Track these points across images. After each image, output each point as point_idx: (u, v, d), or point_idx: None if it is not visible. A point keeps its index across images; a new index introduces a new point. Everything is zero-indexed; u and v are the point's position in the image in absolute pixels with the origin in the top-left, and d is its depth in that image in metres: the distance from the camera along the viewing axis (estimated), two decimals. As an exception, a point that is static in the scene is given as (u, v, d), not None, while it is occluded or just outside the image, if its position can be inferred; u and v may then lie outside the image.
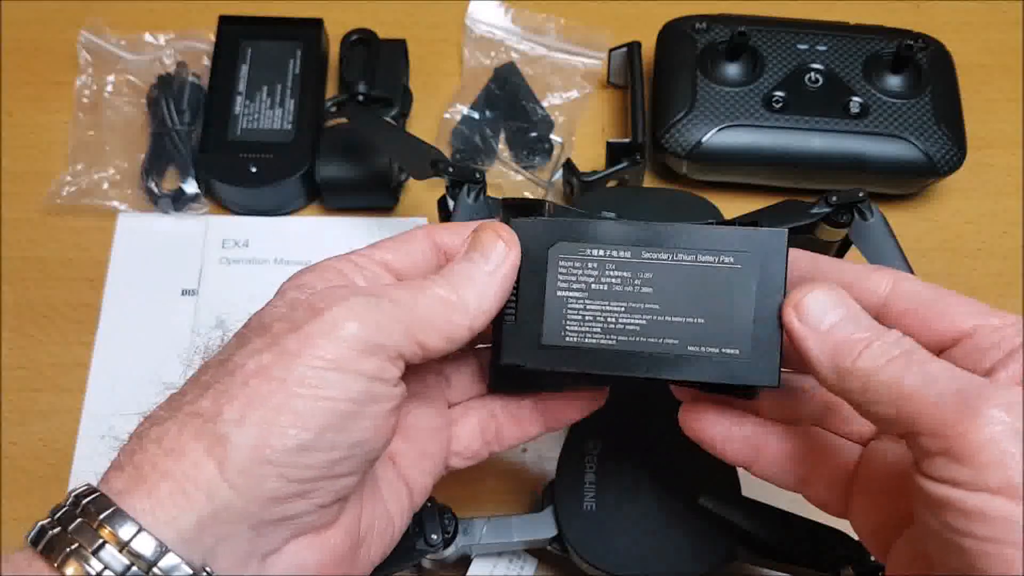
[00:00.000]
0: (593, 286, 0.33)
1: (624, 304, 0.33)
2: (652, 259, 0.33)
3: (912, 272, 0.43)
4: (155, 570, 0.26)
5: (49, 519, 0.27)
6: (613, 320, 0.33)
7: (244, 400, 0.27)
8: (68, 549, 0.26)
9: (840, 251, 0.47)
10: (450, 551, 0.43)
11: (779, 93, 0.56)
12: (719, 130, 0.56)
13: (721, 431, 0.35)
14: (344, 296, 0.29)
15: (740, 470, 0.43)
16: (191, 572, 0.26)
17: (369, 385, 0.29)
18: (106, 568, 0.26)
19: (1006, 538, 0.24)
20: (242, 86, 0.58)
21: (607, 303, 0.33)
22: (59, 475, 0.50)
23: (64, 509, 0.27)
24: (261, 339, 0.29)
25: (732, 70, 0.57)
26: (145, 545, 0.26)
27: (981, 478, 0.25)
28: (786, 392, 0.36)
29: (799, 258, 0.33)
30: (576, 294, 0.33)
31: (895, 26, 0.60)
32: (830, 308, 0.30)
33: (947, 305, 0.30)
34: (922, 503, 0.27)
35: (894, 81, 0.57)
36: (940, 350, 0.30)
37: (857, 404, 0.29)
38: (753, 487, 0.42)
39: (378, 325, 0.29)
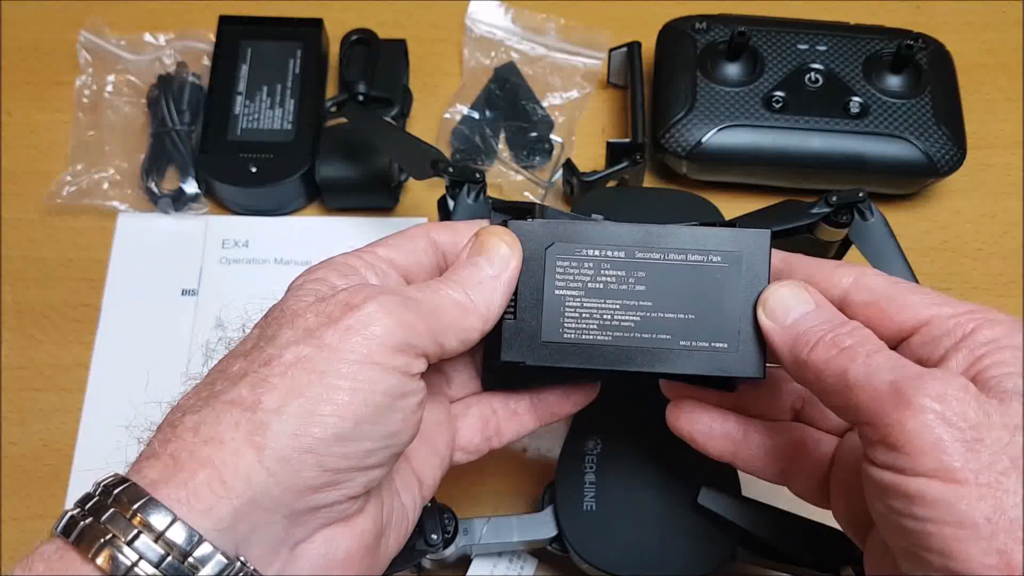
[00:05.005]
0: (589, 285, 0.35)
1: (619, 302, 0.35)
2: (645, 259, 0.35)
3: (913, 273, 0.43)
4: (189, 559, 0.26)
5: (79, 509, 0.27)
6: (609, 317, 0.35)
7: (283, 390, 0.28)
8: (102, 539, 0.26)
9: (840, 251, 0.47)
10: (450, 551, 0.43)
11: (779, 93, 0.56)
12: (719, 130, 0.56)
13: (703, 427, 0.37)
14: (375, 294, 0.30)
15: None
16: (225, 561, 0.26)
17: (400, 380, 0.30)
18: (141, 558, 0.26)
19: (944, 518, 0.26)
20: (242, 86, 0.58)
21: (603, 301, 0.35)
22: (59, 475, 0.50)
23: (95, 499, 0.27)
24: (293, 331, 0.29)
25: (732, 70, 0.57)
26: (179, 534, 0.26)
27: (917, 464, 0.26)
28: (767, 387, 0.38)
29: (773, 256, 0.35)
30: (573, 293, 0.35)
31: (895, 26, 0.60)
32: (793, 304, 0.33)
33: (906, 296, 0.32)
34: (870, 489, 0.29)
35: (894, 81, 0.57)
36: (901, 339, 0.32)
37: (816, 394, 0.31)
38: (753, 487, 0.42)
39: (408, 324, 0.30)
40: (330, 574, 0.30)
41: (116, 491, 0.27)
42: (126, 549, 0.26)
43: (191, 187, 0.56)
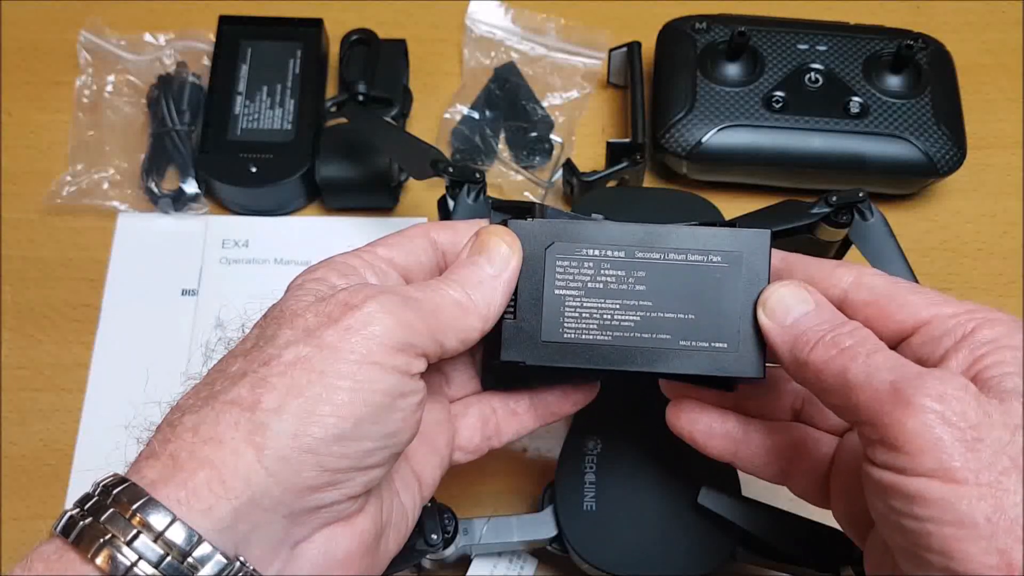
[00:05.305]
0: (589, 285, 0.35)
1: (619, 302, 0.35)
2: (645, 258, 0.35)
3: (913, 273, 0.43)
4: (189, 559, 0.26)
5: (78, 509, 0.27)
6: (609, 317, 0.35)
7: (283, 390, 0.28)
8: (102, 540, 0.26)
9: (840, 251, 0.47)
10: (450, 551, 0.43)
11: (779, 93, 0.56)
12: (719, 130, 0.56)
13: (703, 427, 0.37)
14: (374, 294, 0.30)
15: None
16: (225, 561, 0.26)
17: (400, 379, 0.30)
18: (141, 558, 0.26)
19: (943, 518, 0.26)
20: (242, 86, 0.58)
21: (603, 301, 0.35)
22: (59, 475, 0.50)
23: (94, 499, 0.27)
24: (292, 330, 0.29)
25: (732, 70, 0.57)
26: (178, 534, 0.26)
27: (917, 464, 0.27)
28: (767, 387, 0.38)
29: (772, 255, 0.35)
30: (573, 292, 0.35)
31: (895, 26, 0.60)
32: (793, 304, 0.33)
33: (906, 296, 0.32)
34: (870, 489, 0.29)
35: (894, 81, 0.57)
36: (900, 339, 0.32)
37: (816, 394, 0.31)
38: (753, 487, 0.42)
39: (408, 324, 0.30)
40: (330, 574, 0.30)
41: (115, 491, 0.27)
42: (125, 549, 0.26)
43: (191, 187, 0.56)
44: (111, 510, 0.26)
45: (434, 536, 0.41)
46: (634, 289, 0.35)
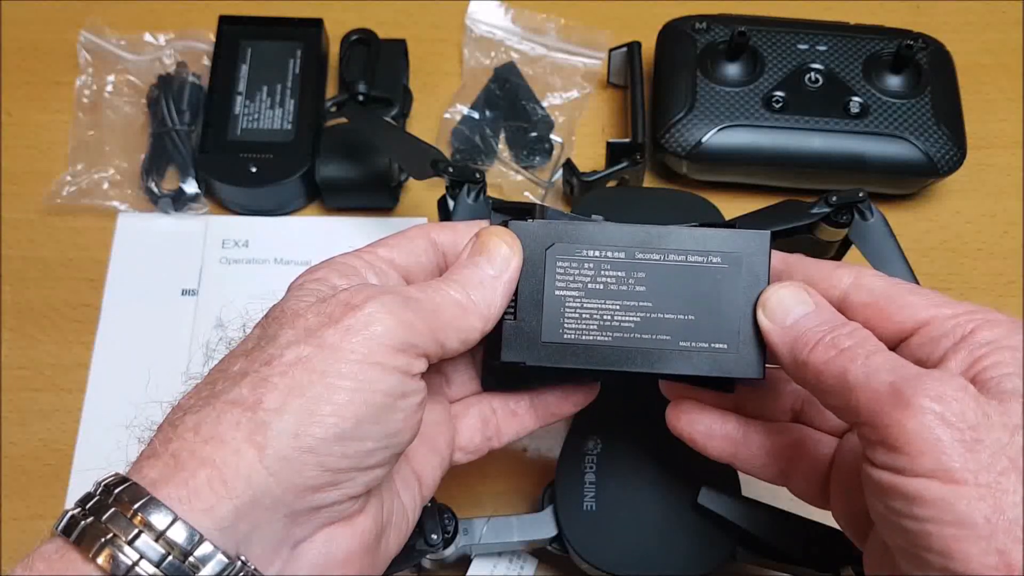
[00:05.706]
0: (589, 285, 0.35)
1: (619, 302, 0.35)
2: (645, 259, 0.35)
3: (913, 273, 0.43)
4: (190, 559, 0.26)
5: (80, 508, 0.27)
6: (609, 318, 0.35)
7: (284, 390, 0.28)
8: (103, 539, 0.26)
9: (840, 251, 0.47)
10: (450, 551, 0.43)
11: (779, 93, 0.56)
12: (719, 130, 0.56)
13: (703, 428, 0.37)
14: (375, 294, 0.30)
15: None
16: (226, 561, 0.26)
17: (401, 380, 0.30)
18: (142, 557, 0.26)
19: (943, 518, 0.26)
20: (242, 86, 0.58)
21: (603, 302, 0.35)
22: (59, 475, 0.50)
23: (96, 499, 0.27)
24: (293, 330, 0.30)
25: (732, 70, 0.57)
26: (180, 534, 0.26)
27: (916, 464, 0.27)
28: (767, 387, 0.38)
29: (772, 257, 0.35)
30: (573, 293, 0.35)
31: (895, 26, 0.60)
32: (793, 305, 0.33)
33: (905, 297, 0.32)
34: (869, 489, 0.29)
35: (894, 81, 0.57)
36: (900, 340, 0.32)
37: (815, 395, 0.32)
38: (753, 487, 0.42)
39: (409, 324, 0.30)
40: (331, 574, 0.30)
41: (117, 490, 0.27)
42: (127, 548, 0.26)
43: (191, 187, 0.56)
44: (112, 509, 0.26)
45: (434, 536, 0.41)
46: (634, 290, 0.35)
